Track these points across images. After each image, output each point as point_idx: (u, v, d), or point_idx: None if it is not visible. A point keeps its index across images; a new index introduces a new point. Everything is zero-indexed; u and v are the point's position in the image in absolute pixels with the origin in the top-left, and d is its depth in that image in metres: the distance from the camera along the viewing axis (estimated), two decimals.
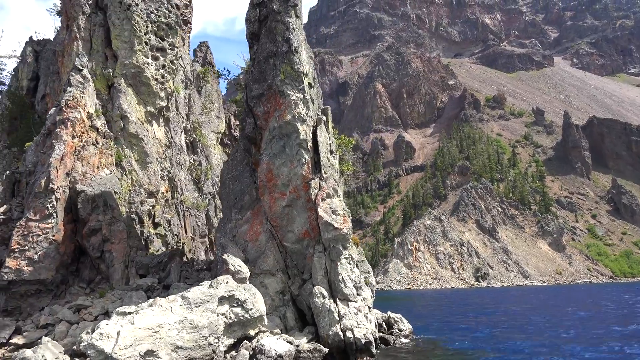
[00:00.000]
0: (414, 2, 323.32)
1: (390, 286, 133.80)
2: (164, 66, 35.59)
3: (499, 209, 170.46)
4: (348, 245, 17.22)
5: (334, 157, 18.18)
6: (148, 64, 34.49)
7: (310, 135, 17.37)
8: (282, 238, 17.66)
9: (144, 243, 31.56)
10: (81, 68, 24.64)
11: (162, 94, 35.55)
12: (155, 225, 33.99)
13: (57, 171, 19.80)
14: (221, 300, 14.28)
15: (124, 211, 23.19)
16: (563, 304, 51.56)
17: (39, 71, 43.52)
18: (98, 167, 22.83)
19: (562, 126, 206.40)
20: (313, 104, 18.67)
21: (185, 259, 27.27)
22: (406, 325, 21.88)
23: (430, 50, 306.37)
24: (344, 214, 16.98)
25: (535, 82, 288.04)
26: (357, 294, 17.20)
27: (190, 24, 59.89)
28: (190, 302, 13.62)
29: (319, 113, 18.58)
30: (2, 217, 20.53)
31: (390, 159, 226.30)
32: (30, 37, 46.75)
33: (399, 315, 22.50)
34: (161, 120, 37.43)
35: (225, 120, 61.14)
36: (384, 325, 21.31)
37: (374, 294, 19.10)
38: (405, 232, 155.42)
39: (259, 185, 17.77)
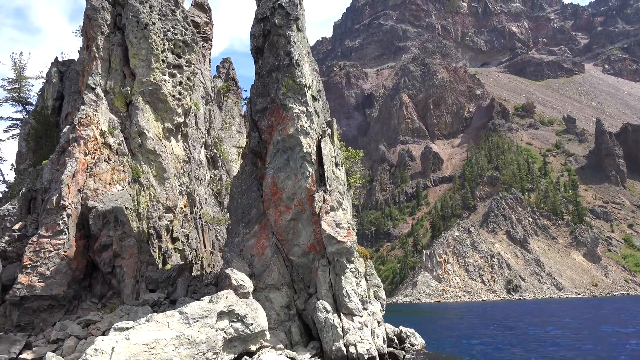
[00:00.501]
0: (439, 13, 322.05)
1: (419, 299, 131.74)
2: (180, 83, 36.12)
3: (530, 219, 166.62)
4: (353, 258, 16.92)
5: (339, 169, 17.96)
6: (165, 81, 35.06)
7: (314, 148, 17.23)
8: (288, 252, 17.49)
9: (161, 258, 31.87)
10: (94, 87, 25.14)
11: (180, 110, 36.03)
12: (174, 240, 34.28)
13: (69, 188, 20.15)
14: (220, 315, 14.15)
15: (135, 227, 23.40)
16: (596, 317, 49.77)
17: (64, 91, 44.63)
18: (110, 184, 23.14)
19: (595, 134, 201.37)
20: (318, 116, 18.54)
21: (200, 272, 27.28)
22: (418, 340, 21.32)
23: (456, 60, 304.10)
24: (349, 227, 16.70)
25: (565, 89, 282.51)
26: (364, 308, 16.86)
27: (211, 41, 60.85)
28: (188, 318, 13.53)
29: (324, 125, 18.43)
30: (17, 233, 20.94)
31: (417, 170, 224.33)
32: (56, 58, 48.07)
33: (411, 330, 21.96)
34: (179, 136, 37.91)
35: (247, 135, 61.47)
36: (395, 340, 20.81)
37: (384, 308, 18.68)
38: (434, 244, 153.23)
39: (264, 199, 17.69)
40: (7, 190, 39.84)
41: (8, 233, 20.78)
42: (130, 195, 24.57)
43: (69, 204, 20.19)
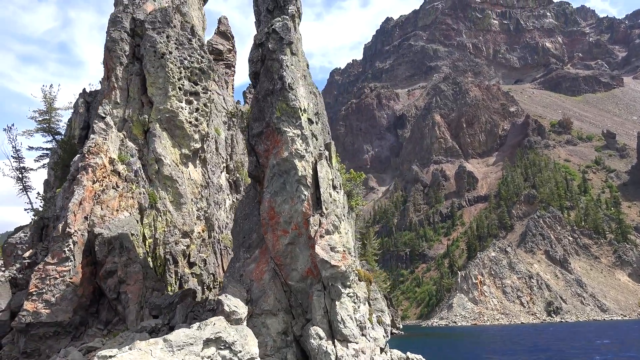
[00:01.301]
0: (470, 32, 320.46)
1: (455, 322, 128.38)
2: (197, 109, 36.68)
3: (570, 238, 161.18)
4: (349, 283, 16.48)
5: (337, 192, 17.67)
6: (182, 108, 35.67)
7: (311, 171, 17.03)
8: (286, 277, 17.21)
9: (177, 283, 32.03)
10: (104, 116, 25.75)
11: (196, 136, 36.53)
12: (191, 264, 34.44)
13: (75, 215, 20.52)
14: (207, 342, 13.92)
15: (141, 253, 23.57)
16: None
17: (90, 120, 45.92)
18: (117, 210, 23.47)
19: (637, 148, 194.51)
20: (316, 139, 18.38)
21: (203, 298, 27.21)
22: None
23: (489, 78, 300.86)
24: (344, 251, 16.32)
25: (604, 104, 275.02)
26: (362, 334, 16.34)
27: (234, 67, 61.90)
28: (172, 345, 13.35)
29: (322, 148, 18.25)
30: (27, 261, 21.39)
31: (452, 190, 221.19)
32: (84, 89, 49.61)
33: (419, 356, 21.20)
34: (197, 162, 38.36)
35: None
36: None
37: (388, 334, 18.09)
38: (469, 265, 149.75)
39: (262, 223, 17.53)
40: (34, 218, 40.97)
41: (19, 260, 21.27)
42: (138, 221, 24.83)
43: (75, 231, 20.54)
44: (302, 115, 17.18)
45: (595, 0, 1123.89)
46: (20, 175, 45.75)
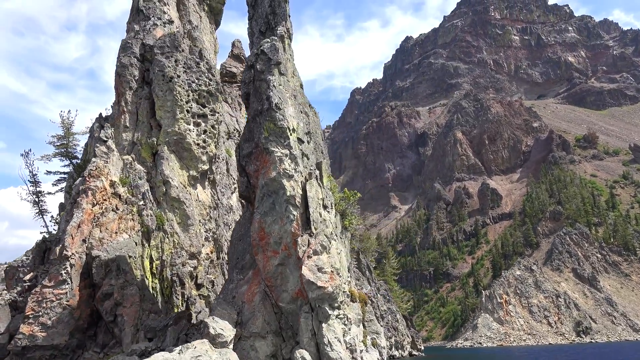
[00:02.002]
0: (490, 48, 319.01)
1: (480, 343, 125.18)
2: (205, 131, 37.05)
3: (599, 255, 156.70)
4: (337, 304, 16.12)
5: (328, 212, 17.45)
6: (190, 130, 36.10)
7: (300, 191, 16.88)
8: (277, 298, 16.95)
9: (184, 304, 31.99)
10: (105, 139, 26.14)
11: (204, 158, 36.85)
12: (198, 286, 34.44)
13: (73, 238, 20.73)
14: None
15: (138, 275, 23.62)
16: None
17: None
18: (116, 233, 23.64)
19: None
20: (307, 158, 18.27)
21: (197, 320, 27.06)
22: None
23: (510, 94, 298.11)
24: (332, 272, 16.01)
25: (630, 117, 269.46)
26: (352, 358, 15.93)
27: None
28: None
29: (313, 167, 18.11)
30: (27, 284, 21.62)
31: (475, 207, 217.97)
32: (100, 114, 50.70)
33: None
34: (206, 183, 38.63)
35: None
36: None
37: (383, 356, 17.61)
38: (494, 284, 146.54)
39: (252, 244, 17.38)
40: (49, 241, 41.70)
41: (20, 283, 21.52)
42: (137, 243, 24.95)
43: (72, 254, 20.72)
44: (291, 134, 17.11)
45: (619, 14, 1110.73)
46: (36, 199, 46.67)
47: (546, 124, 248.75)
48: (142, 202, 31.50)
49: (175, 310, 29.52)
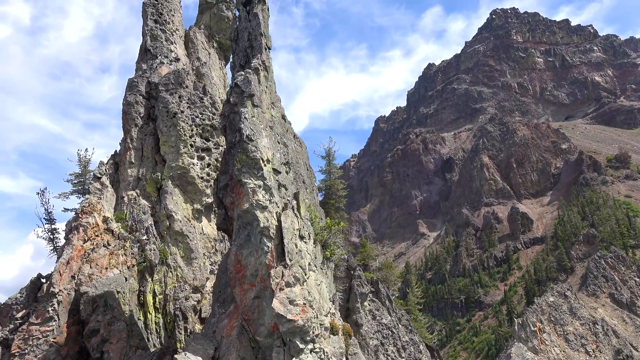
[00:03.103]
0: (514, 71, 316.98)
1: None
2: (209, 165, 37.39)
3: (637, 279, 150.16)
4: (309, 338, 15.64)
5: (305, 242, 17.21)
6: (193, 164, 36.47)
7: (275, 222, 16.73)
8: (254, 332, 16.62)
9: (184, 340, 31.77)
10: (100, 176, 26.63)
11: (209, 191, 37.07)
12: (202, 320, 34.20)
13: (61, 275, 20.93)
14: None
15: (127, 310, 23.59)
16: None
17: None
18: (106, 268, 23.78)
19: None
20: (285, 189, 18.16)
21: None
22: None
23: (537, 116, 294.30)
24: (304, 304, 15.61)
25: None
26: None
27: None
28: None
29: (290, 198, 17.98)
30: (19, 322, 21.82)
31: (505, 232, 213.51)
32: (115, 151, 52.03)
33: None
34: (212, 216, 38.77)
35: None
36: None
37: None
38: (526, 311, 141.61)
39: (230, 277, 17.23)
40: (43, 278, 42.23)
41: (13, 321, 21.78)
42: (127, 278, 25.03)
43: (60, 290, 20.89)
44: (265, 165, 17.06)
45: None
46: (51, 237, 47.70)
47: (575, 145, 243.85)
48: (145, 237, 31.78)
49: (179, 346, 29.34)
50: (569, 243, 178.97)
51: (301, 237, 17.09)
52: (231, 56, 21.75)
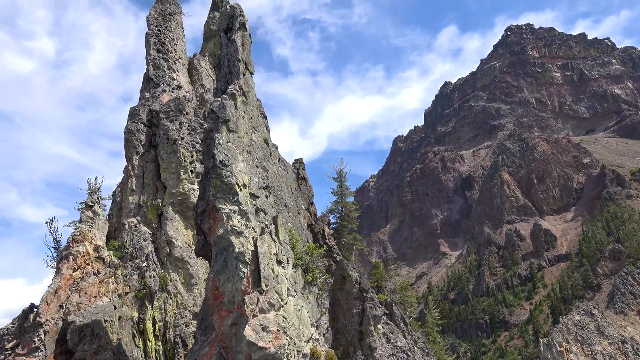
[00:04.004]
0: (531, 87, 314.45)
1: None
2: None
3: None
4: None
5: (283, 267, 16.98)
6: (194, 190, 36.68)
7: (251, 247, 16.59)
8: None
9: None
10: (92, 204, 26.87)
11: None
12: None
13: (48, 305, 21.02)
14: None
15: (114, 339, 23.51)
16: None
17: None
18: (95, 297, 23.81)
19: None
20: (265, 213, 18.04)
21: None
22: None
23: (557, 131, 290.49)
24: (278, 331, 15.32)
25: None
26: None
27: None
28: None
29: (268, 222, 17.83)
30: (8, 352, 21.88)
31: (529, 250, 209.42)
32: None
33: None
34: None
35: (320, 231, 61.94)
36: None
37: None
38: (552, 331, 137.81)
39: (208, 304, 17.08)
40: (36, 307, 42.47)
41: (3, 352, 21.83)
42: (116, 306, 25.00)
43: (47, 320, 20.95)
44: (241, 190, 17.00)
45: None
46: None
47: (597, 159, 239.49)
48: (145, 264, 31.89)
49: None
50: (595, 259, 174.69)
51: (279, 262, 16.90)
52: (215, 83, 21.92)
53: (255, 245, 16.69)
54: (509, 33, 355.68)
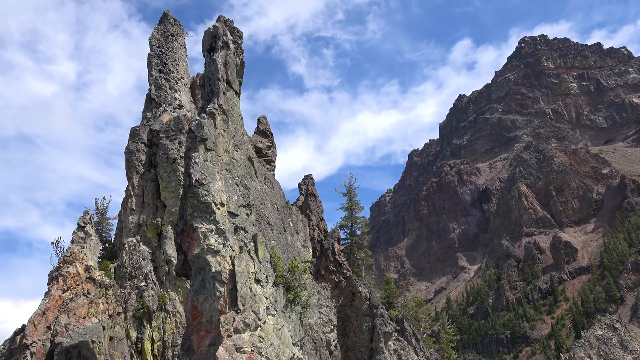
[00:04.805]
0: (547, 98, 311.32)
1: None
2: None
3: None
4: None
5: (262, 286, 16.79)
6: None
7: (228, 266, 16.45)
8: None
9: None
10: (84, 225, 27.04)
11: None
12: None
13: (35, 326, 21.09)
14: None
15: (102, 359, 23.44)
16: None
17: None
18: (84, 318, 23.82)
19: None
20: (245, 231, 17.91)
21: None
22: None
23: (574, 142, 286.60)
24: (252, 351, 15.08)
25: None
26: None
27: (274, 162, 63.91)
28: None
29: (248, 240, 17.69)
30: None
31: (549, 263, 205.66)
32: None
33: None
34: None
35: (330, 247, 61.74)
36: None
37: None
38: (574, 346, 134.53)
39: (187, 324, 16.94)
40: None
41: None
42: (105, 327, 24.95)
43: (33, 342, 20.99)
44: (219, 209, 16.92)
45: None
46: None
47: (617, 169, 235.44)
48: (143, 283, 31.94)
49: None
50: (617, 272, 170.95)
51: (257, 281, 16.73)
52: (200, 102, 22.04)
53: (233, 264, 16.56)
54: (522, 45, 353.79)
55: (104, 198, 55.96)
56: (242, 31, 54.01)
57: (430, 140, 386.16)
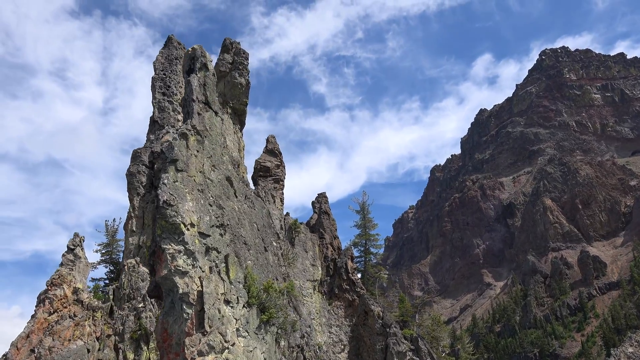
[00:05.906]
0: (570, 110, 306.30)
1: None
2: None
3: None
4: None
5: (232, 307, 16.52)
6: None
7: (197, 287, 16.27)
8: None
9: None
10: (73, 247, 27.20)
11: None
12: None
13: (18, 349, 21.13)
14: None
15: None
16: None
17: None
18: (69, 340, 23.79)
19: None
20: (218, 252, 17.74)
21: None
22: None
23: (600, 153, 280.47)
24: None
25: None
26: None
27: (282, 181, 63.93)
28: None
29: (219, 260, 17.48)
30: None
31: (577, 278, 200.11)
32: None
33: None
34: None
35: (343, 265, 61.19)
36: None
37: None
38: None
39: (157, 346, 16.74)
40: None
41: None
42: (89, 350, 24.89)
43: None
44: (188, 230, 16.80)
45: None
46: None
47: None
48: (141, 305, 31.93)
49: None
50: None
51: (227, 302, 16.48)
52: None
53: (202, 285, 16.36)
54: (543, 57, 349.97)
55: (114, 220, 56.57)
56: (248, 53, 54.46)
57: (452, 155, 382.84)
